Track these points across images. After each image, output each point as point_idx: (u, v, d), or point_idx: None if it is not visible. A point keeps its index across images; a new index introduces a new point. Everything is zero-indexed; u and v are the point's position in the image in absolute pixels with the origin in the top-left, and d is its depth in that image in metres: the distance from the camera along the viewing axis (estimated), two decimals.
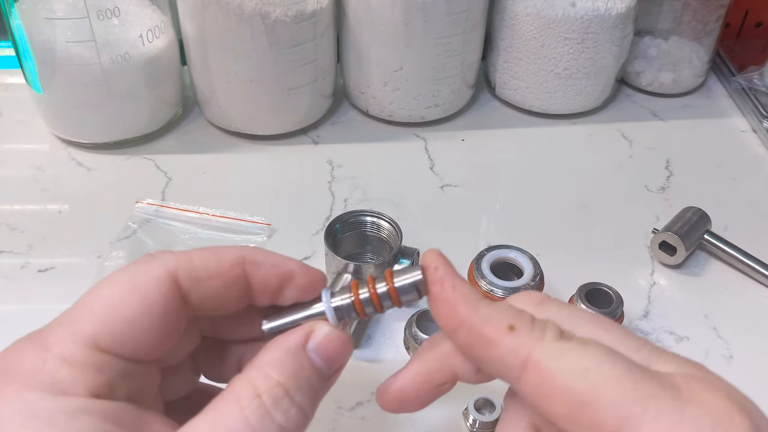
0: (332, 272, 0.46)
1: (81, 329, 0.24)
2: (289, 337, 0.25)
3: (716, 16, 0.68)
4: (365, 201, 0.57)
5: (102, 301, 0.24)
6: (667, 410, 0.21)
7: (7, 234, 0.53)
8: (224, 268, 0.26)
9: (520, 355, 0.23)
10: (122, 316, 0.24)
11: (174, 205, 0.54)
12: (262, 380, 0.24)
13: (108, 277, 0.25)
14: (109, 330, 0.24)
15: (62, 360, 0.23)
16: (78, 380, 0.23)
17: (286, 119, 0.62)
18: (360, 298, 0.27)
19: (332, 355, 0.26)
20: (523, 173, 0.61)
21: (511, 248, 0.45)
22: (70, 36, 0.54)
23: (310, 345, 0.25)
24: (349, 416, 0.41)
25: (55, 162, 0.60)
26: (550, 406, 0.23)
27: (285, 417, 0.23)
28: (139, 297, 0.24)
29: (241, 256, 0.26)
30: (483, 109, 0.69)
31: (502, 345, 0.24)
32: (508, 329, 0.24)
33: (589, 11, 0.60)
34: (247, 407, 0.23)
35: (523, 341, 0.23)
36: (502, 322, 0.24)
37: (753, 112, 0.67)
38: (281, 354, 0.25)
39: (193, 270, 0.26)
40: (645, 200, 0.58)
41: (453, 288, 0.26)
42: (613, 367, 0.22)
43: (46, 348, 0.23)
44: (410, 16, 0.58)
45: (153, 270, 0.25)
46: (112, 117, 0.59)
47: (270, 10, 0.55)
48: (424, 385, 0.27)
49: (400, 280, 0.26)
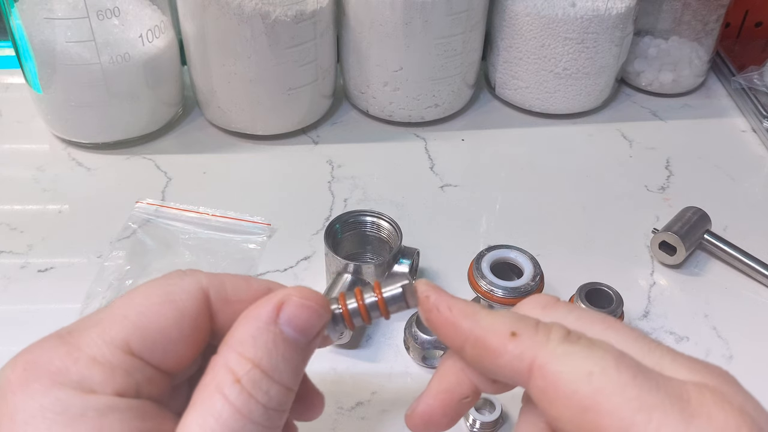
0: (332, 272, 0.46)
1: (115, 333, 0.24)
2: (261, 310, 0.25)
3: (716, 16, 0.68)
4: (365, 201, 0.57)
5: (136, 308, 0.25)
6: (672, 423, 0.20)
7: (7, 234, 0.53)
8: (252, 295, 0.27)
9: (525, 360, 0.23)
10: (155, 324, 0.25)
11: (174, 205, 0.54)
12: (239, 363, 0.24)
13: (141, 286, 0.26)
14: (141, 336, 0.24)
15: (93, 360, 0.23)
16: (107, 380, 0.23)
17: (286, 119, 0.62)
18: (348, 309, 0.27)
19: (306, 325, 0.25)
20: (523, 173, 0.61)
21: (511, 248, 0.45)
22: (70, 36, 0.54)
23: (281, 317, 0.25)
24: (349, 416, 0.41)
25: (55, 162, 0.60)
26: (554, 410, 0.23)
27: (267, 397, 0.23)
28: (173, 308, 0.25)
29: (269, 289, 0.27)
30: (483, 109, 0.69)
31: (507, 352, 0.24)
32: (510, 336, 0.24)
33: (589, 11, 0.60)
34: (230, 394, 0.23)
35: (527, 346, 0.23)
36: (504, 330, 0.24)
37: (753, 112, 0.67)
38: (253, 330, 0.24)
39: (224, 291, 0.26)
40: (645, 200, 0.58)
41: (449, 308, 0.26)
42: (618, 373, 0.22)
43: (78, 348, 0.24)
44: (410, 16, 0.58)
45: (186, 284, 0.26)
46: (112, 117, 0.59)
47: (270, 10, 0.55)
48: (448, 402, 0.27)
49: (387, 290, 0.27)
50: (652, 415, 0.21)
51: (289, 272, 0.50)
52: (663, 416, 0.21)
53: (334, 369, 0.43)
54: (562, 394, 0.22)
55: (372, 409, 0.41)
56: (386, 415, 0.41)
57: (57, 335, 0.24)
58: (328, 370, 0.43)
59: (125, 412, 0.23)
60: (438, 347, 0.43)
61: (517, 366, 0.23)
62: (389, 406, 0.41)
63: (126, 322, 0.24)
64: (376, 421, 0.40)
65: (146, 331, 0.24)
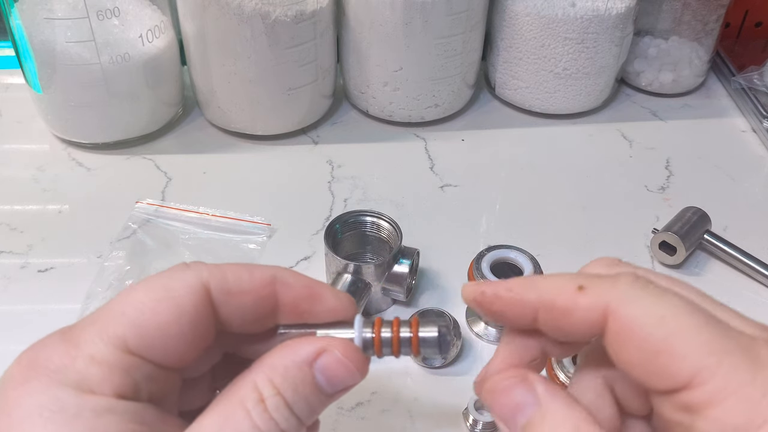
0: (332, 272, 0.46)
1: (112, 331, 0.24)
2: (301, 349, 0.25)
3: (716, 16, 0.68)
4: (365, 201, 0.57)
5: (134, 305, 0.24)
6: (742, 370, 0.21)
7: (7, 234, 0.53)
8: (256, 285, 0.26)
9: (596, 309, 0.23)
10: (153, 321, 0.24)
11: (174, 205, 0.54)
12: (265, 386, 0.24)
13: (141, 282, 0.25)
14: (139, 334, 0.24)
15: (91, 359, 0.23)
16: (105, 380, 0.23)
17: (286, 119, 0.62)
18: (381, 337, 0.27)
19: (337, 379, 0.25)
20: (523, 173, 0.61)
21: (511, 248, 0.45)
22: (70, 36, 0.54)
23: (318, 363, 0.25)
24: (349, 416, 0.41)
25: (55, 162, 0.60)
26: (626, 355, 0.23)
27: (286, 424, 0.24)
28: (172, 304, 0.25)
29: (273, 276, 0.27)
30: (483, 109, 0.69)
31: (578, 307, 0.24)
32: (578, 290, 0.24)
33: (589, 11, 0.60)
34: (252, 410, 0.23)
35: (597, 294, 0.23)
36: (570, 287, 0.24)
37: (753, 112, 0.67)
38: (288, 363, 0.25)
39: (226, 283, 0.26)
40: (645, 200, 0.58)
41: (509, 290, 0.26)
42: (690, 317, 0.22)
43: (77, 346, 0.24)
44: (410, 16, 0.58)
45: (186, 279, 0.25)
46: (112, 117, 0.59)
47: (270, 10, 0.55)
48: (517, 365, 0.27)
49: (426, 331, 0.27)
50: (722, 359, 0.21)
51: None
52: (733, 362, 0.21)
53: None
54: (635, 337, 0.22)
55: (372, 409, 0.41)
56: (386, 415, 0.41)
57: (59, 332, 0.24)
58: None
59: (122, 415, 0.23)
60: None
61: (591, 317, 0.23)
62: (389, 406, 0.41)
63: (123, 319, 0.24)
64: (376, 421, 0.40)
65: (144, 328, 0.24)
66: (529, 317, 0.25)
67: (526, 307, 0.25)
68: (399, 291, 0.46)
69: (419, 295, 0.49)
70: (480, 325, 0.46)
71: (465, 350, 0.45)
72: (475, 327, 0.46)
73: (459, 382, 0.43)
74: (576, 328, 0.24)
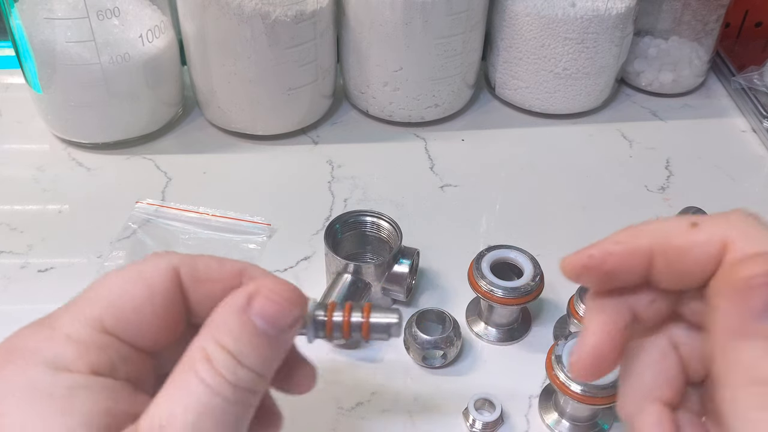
0: (332, 272, 0.46)
1: (89, 312, 0.25)
2: (234, 299, 0.25)
3: (716, 16, 0.68)
4: (365, 201, 0.57)
5: (108, 288, 0.26)
6: None
7: (7, 234, 0.53)
8: (225, 275, 0.27)
9: (714, 241, 0.23)
10: (127, 302, 0.25)
11: (174, 205, 0.54)
12: (211, 344, 0.24)
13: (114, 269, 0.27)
14: (113, 313, 0.25)
15: (67, 337, 0.24)
16: (81, 357, 0.24)
17: (286, 119, 0.62)
18: (332, 321, 0.27)
19: (275, 318, 0.25)
20: (523, 173, 0.61)
21: (511, 248, 0.45)
22: (70, 36, 0.54)
23: (252, 308, 0.25)
24: (349, 416, 0.41)
25: (55, 162, 0.60)
26: None
27: (235, 377, 0.24)
28: (143, 285, 0.26)
29: (241, 269, 0.27)
30: (483, 109, 0.69)
31: (695, 243, 0.24)
32: (691, 227, 0.24)
33: (589, 11, 0.60)
34: (201, 370, 0.23)
35: (712, 228, 0.23)
36: (683, 225, 0.24)
37: (753, 112, 0.67)
38: (226, 316, 0.25)
39: (196, 271, 0.27)
40: (645, 200, 0.58)
41: (616, 243, 0.26)
42: None
43: (53, 328, 0.24)
44: (410, 16, 0.58)
45: (158, 264, 0.26)
46: (112, 117, 0.59)
47: (270, 10, 0.55)
48: (613, 332, 0.26)
49: (376, 317, 0.27)
50: None
51: (289, 272, 0.50)
52: None
53: (334, 369, 0.43)
54: None
55: (372, 409, 0.41)
56: (386, 415, 0.41)
57: (38, 320, 0.25)
58: (328, 370, 0.43)
59: (97, 392, 0.23)
60: (438, 347, 0.43)
61: (710, 250, 0.23)
62: (389, 406, 0.41)
63: (99, 301, 0.25)
64: (376, 421, 0.40)
65: (118, 309, 0.25)
66: (642, 268, 0.25)
67: (639, 256, 0.25)
68: (399, 291, 0.46)
69: (419, 295, 0.49)
70: (480, 325, 0.46)
71: (465, 350, 0.45)
72: (475, 327, 0.46)
73: (459, 382, 0.43)
74: (694, 266, 0.24)
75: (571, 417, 0.40)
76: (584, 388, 0.37)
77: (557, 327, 0.47)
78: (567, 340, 0.39)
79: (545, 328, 0.47)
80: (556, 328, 0.47)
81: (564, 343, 0.39)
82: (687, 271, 0.24)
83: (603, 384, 0.37)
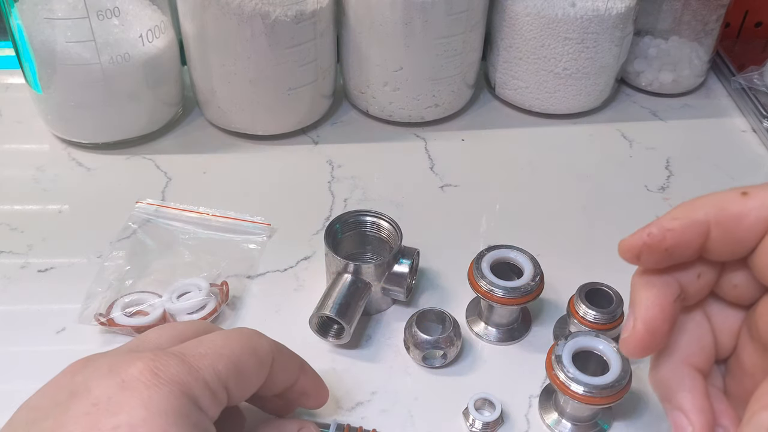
0: (332, 272, 0.46)
1: (221, 368, 0.29)
2: (286, 426, 0.35)
3: (716, 16, 0.68)
4: (365, 201, 0.57)
5: (231, 350, 0.30)
6: None
7: (7, 234, 0.53)
8: (295, 368, 0.35)
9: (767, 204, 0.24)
10: (245, 372, 0.31)
11: (174, 205, 0.54)
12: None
13: (228, 332, 0.32)
14: (236, 378, 0.30)
15: (206, 385, 0.28)
16: (211, 405, 0.29)
17: (286, 119, 0.62)
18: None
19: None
20: (523, 173, 0.61)
21: (511, 248, 0.45)
22: (70, 36, 0.54)
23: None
24: (349, 416, 0.41)
25: (55, 162, 0.60)
26: None
27: None
28: (257, 361, 0.31)
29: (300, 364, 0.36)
30: (483, 109, 0.69)
31: (750, 209, 0.24)
32: (743, 196, 0.25)
33: (589, 11, 0.60)
34: None
35: (763, 195, 0.24)
36: (734, 195, 0.25)
37: (753, 112, 0.67)
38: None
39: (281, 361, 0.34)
40: (645, 200, 0.58)
41: (674, 218, 0.26)
42: None
43: (197, 370, 0.28)
44: (410, 16, 0.58)
45: (264, 346, 0.32)
46: (112, 117, 0.59)
47: (270, 10, 0.55)
48: (665, 304, 0.27)
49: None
50: None
51: (289, 272, 0.50)
52: None
53: (334, 369, 0.43)
54: None
55: (372, 409, 0.41)
56: (386, 415, 0.41)
57: (171, 351, 0.29)
58: (328, 369, 0.43)
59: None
60: (438, 347, 0.43)
61: (764, 216, 0.24)
62: (389, 406, 0.41)
63: (228, 362, 0.30)
64: (376, 421, 0.40)
65: (240, 376, 0.30)
66: (700, 241, 0.25)
67: (697, 228, 0.25)
68: (399, 291, 0.46)
69: (419, 295, 0.49)
70: (480, 325, 0.46)
71: (465, 350, 0.45)
72: (475, 327, 0.46)
73: (459, 382, 0.43)
74: (748, 232, 0.25)
75: (571, 417, 0.40)
76: (584, 388, 0.37)
77: (557, 327, 0.47)
78: (567, 340, 0.39)
79: (545, 328, 0.47)
80: (556, 328, 0.47)
81: (564, 343, 0.39)
82: (741, 238, 0.25)
83: (603, 384, 0.37)
